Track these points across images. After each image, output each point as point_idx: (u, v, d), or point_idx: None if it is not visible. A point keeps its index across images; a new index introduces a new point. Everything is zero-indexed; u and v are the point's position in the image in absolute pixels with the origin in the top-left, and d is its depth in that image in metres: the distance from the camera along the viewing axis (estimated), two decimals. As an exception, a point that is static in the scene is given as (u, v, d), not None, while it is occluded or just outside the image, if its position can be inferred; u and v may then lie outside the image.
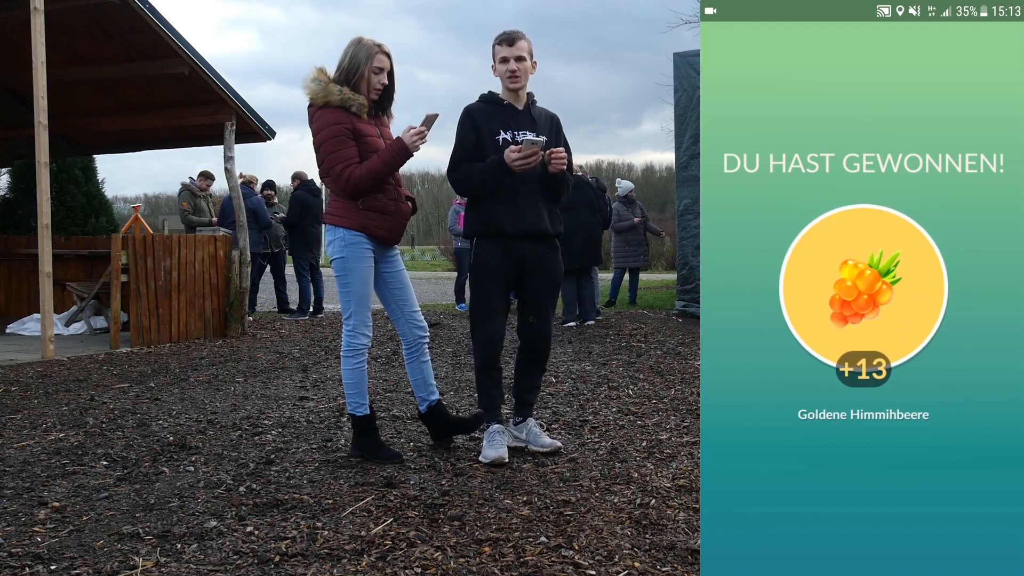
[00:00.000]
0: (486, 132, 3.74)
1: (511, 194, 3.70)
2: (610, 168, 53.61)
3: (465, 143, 3.78)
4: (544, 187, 3.74)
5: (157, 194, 56.45)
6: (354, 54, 3.65)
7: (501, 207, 3.71)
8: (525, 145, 3.55)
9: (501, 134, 3.71)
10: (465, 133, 3.78)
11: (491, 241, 3.76)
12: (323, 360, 6.99)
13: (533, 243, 3.76)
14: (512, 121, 3.75)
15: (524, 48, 3.70)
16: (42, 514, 3.05)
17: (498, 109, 3.78)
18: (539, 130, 3.75)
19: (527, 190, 3.71)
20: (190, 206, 10.77)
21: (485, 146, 3.73)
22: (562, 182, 3.75)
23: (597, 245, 9.45)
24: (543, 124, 3.80)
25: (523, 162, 3.57)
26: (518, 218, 3.71)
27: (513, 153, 3.57)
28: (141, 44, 8.50)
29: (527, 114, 3.79)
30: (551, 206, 3.82)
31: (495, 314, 3.79)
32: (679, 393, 5.29)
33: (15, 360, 6.98)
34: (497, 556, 2.60)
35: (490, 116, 3.76)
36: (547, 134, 3.77)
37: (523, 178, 3.67)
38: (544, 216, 3.76)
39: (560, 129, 3.90)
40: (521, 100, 3.80)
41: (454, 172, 3.82)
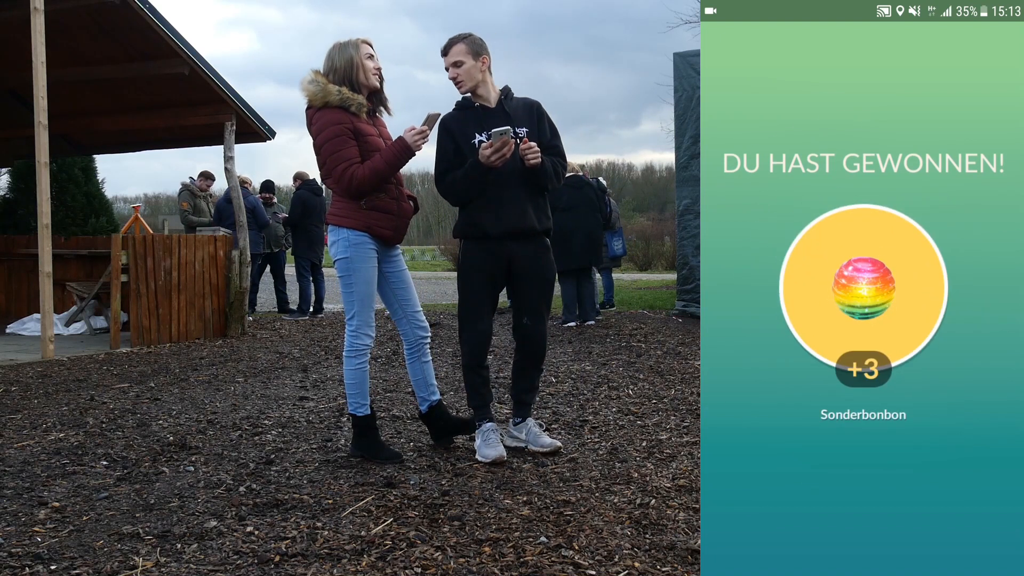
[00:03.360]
0: (461, 138, 3.75)
1: (495, 193, 3.70)
2: (610, 168, 53.60)
3: (444, 153, 3.80)
4: (526, 181, 3.74)
5: (157, 194, 56.44)
6: (343, 51, 3.66)
7: (485, 208, 3.72)
8: (494, 138, 3.56)
9: (476, 136, 3.73)
10: (443, 143, 3.80)
11: (476, 242, 3.78)
12: (323, 360, 6.99)
13: (520, 242, 3.76)
14: (485, 121, 3.74)
15: (459, 52, 3.71)
16: (42, 514, 3.05)
17: (471, 113, 3.79)
18: (514, 123, 3.74)
19: (510, 188, 3.71)
20: (190, 206, 10.77)
21: (464, 152, 3.74)
22: (542, 174, 3.73)
23: (597, 245, 9.44)
24: (519, 116, 3.80)
25: (497, 155, 3.57)
26: (501, 218, 3.71)
27: (486, 150, 3.57)
28: (141, 44, 8.50)
29: (500, 110, 3.78)
30: (537, 201, 3.80)
31: (482, 314, 3.82)
32: (679, 393, 5.29)
33: (15, 360, 6.98)
34: (497, 556, 2.60)
35: (464, 121, 3.77)
36: (527, 124, 3.78)
37: (505, 176, 3.67)
38: (529, 213, 3.75)
39: (542, 115, 3.87)
40: (491, 99, 3.80)
41: (441, 184, 3.84)
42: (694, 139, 9.90)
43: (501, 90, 3.83)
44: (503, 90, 3.84)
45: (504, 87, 3.85)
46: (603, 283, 11.57)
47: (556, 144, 3.88)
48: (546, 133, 3.84)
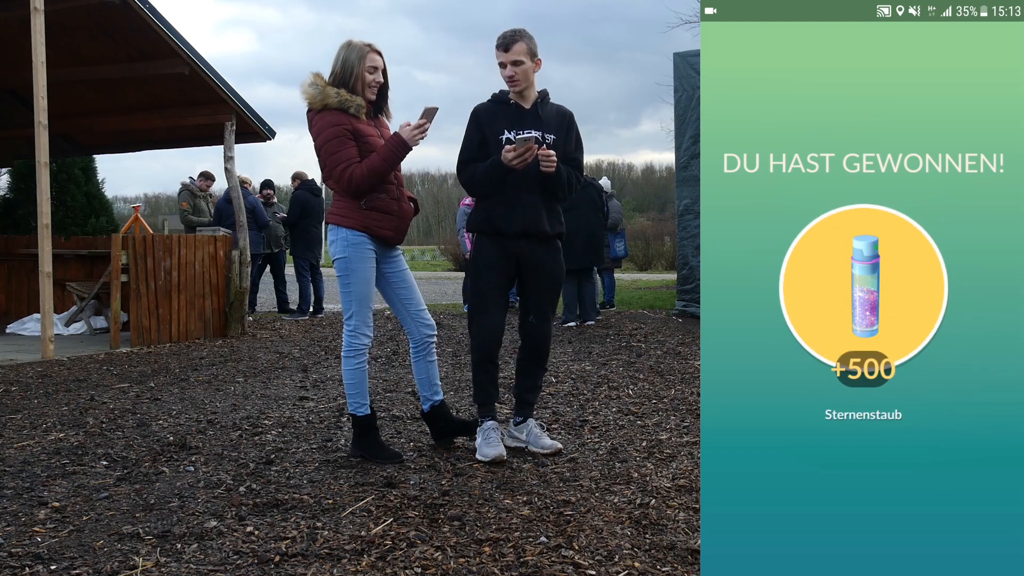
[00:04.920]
0: (490, 132, 3.76)
1: (512, 194, 3.72)
2: (610, 168, 53.59)
3: (470, 143, 3.82)
4: (542, 188, 3.75)
5: (157, 194, 56.44)
6: (346, 57, 3.66)
7: (501, 206, 3.74)
8: (518, 143, 3.57)
9: (505, 133, 3.73)
10: (471, 133, 3.82)
11: (490, 238, 3.80)
12: (323, 360, 6.99)
13: (531, 242, 3.78)
14: (517, 120, 3.75)
15: (521, 51, 3.69)
16: (42, 514, 3.05)
17: (505, 108, 3.79)
18: (545, 128, 3.75)
19: (529, 190, 3.73)
20: (190, 206, 10.77)
21: (490, 145, 3.75)
22: (554, 182, 3.73)
23: (599, 245, 9.42)
24: (550, 122, 3.80)
25: (519, 159, 3.59)
26: (516, 218, 3.73)
27: (508, 153, 3.59)
28: (141, 44, 8.50)
29: (534, 113, 3.79)
30: (552, 206, 3.83)
31: (493, 309, 3.82)
32: (679, 393, 5.29)
33: (15, 360, 6.98)
34: (497, 556, 2.60)
35: (496, 116, 3.78)
36: (556, 131, 3.79)
37: (525, 178, 3.68)
38: (543, 216, 3.77)
39: (571, 125, 3.88)
40: (529, 99, 3.80)
41: (462, 173, 3.86)
42: (694, 139, 9.89)
43: (539, 92, 3.84)
44: (541, 93, 3.84)
45: (542, 90, 3.85)
46: (604, 283, 11.57)
47: (577, 157, 3.89)
48: (571, 145, 3.86)
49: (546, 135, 3.74)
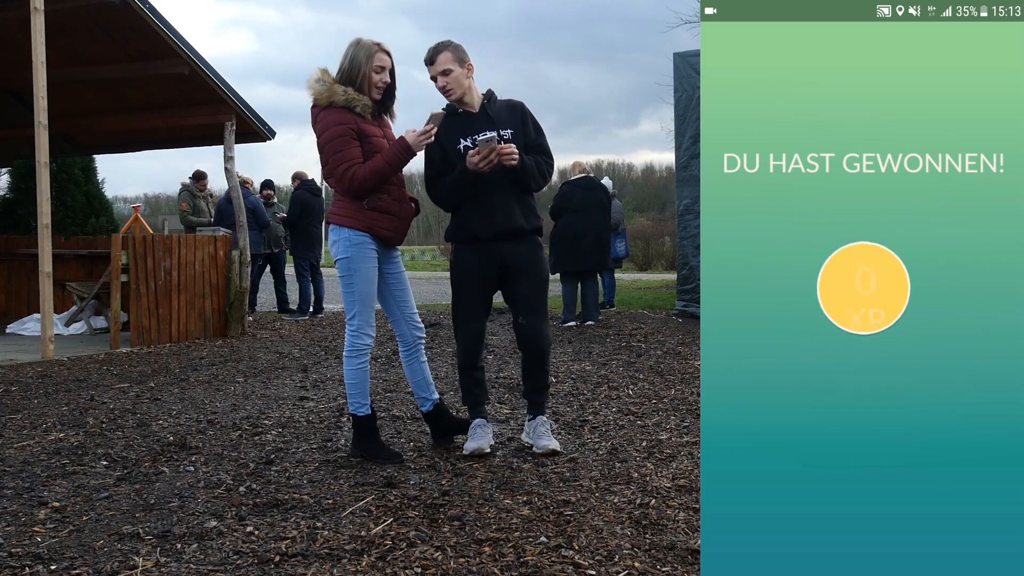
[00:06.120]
0: (448, 145, 3.78)
1: (483, 198, 3.74)
2: (610, 168, 53.57)
3: (432, 160, 3.85)
4: (513, 183, 3.76)
5: (157, 194, 56.40)
6: (354, 55, 3.66)
7: (473, 212, 3.77)
8: (480, 145, 3.60)
9: (461, 142, 3.77)
10: (430, 150, 3.83)
11: (468, 245, 3.84)
12: (323, 360, 6.99)
13: (510, 243, 3.80)
14: (470, 126, 3.78)
15: (446, 60, 3.73)
16: (42, 514, 3.05)
17: (456, 119, 3.82)
18: (500, 125, 3.77)
19: (498, 191, 3.74)
20: (189, 206, 10.77)
21: (451, 158, 3.77)
22: (525, 174, 3.75)
23: (605, 248, 9.40)
24: (503, 118, 3.82)
25: (484, 162, 3.61)
26: (490, 221, 3.75)
27: (473, 157, 3.61)
28: (141, 44, 8.50)
29: (484, 115, 3.81)
30: (524, 201, 3.84)
31: (474, 316, 3.87)
32: (679, 393, 5.29)
33: (15, 360, 6.98)
34: (497, 556, 2.60)
35: (450, 128, 3.79)
36: (511, 125, 3.80)
37: (492, 180, 3.70)
38: (516, 214, 3.79)
39: (525, 114, 3.89)
40: (475, 103, 3.82)
41: (432, 190, 3.89)
42: (694, 139, 9.89)
43: (484, 94, 3.87)
44: (486, 94, 3.87)
45: (487, 91, 3.89)
46: (604, 283, 11.57)
47: (541, 142, 3.89)
48: (531, 132, 3.87)
49: (502, 131, 3.75)
